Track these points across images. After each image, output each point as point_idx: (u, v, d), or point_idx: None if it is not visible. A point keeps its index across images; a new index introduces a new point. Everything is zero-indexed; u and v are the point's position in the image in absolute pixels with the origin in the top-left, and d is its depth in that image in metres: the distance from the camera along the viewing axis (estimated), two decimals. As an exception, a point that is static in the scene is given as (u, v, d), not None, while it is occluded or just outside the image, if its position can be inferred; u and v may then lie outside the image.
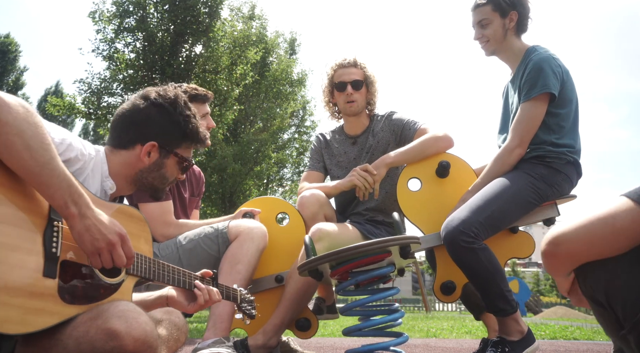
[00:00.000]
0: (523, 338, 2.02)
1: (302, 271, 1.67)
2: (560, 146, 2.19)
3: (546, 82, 2.14)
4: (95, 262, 1.22)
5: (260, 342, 2.18)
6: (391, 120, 2.61)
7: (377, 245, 1.57)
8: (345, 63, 2.63)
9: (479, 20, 2.34)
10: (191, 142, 1.59)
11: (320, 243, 2.18)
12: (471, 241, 1.99)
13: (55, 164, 1.14)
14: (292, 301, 2.23)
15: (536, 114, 2.17)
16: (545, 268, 1.14)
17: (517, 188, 2.11)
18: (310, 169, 2.72)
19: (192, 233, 2.23)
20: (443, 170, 2.35)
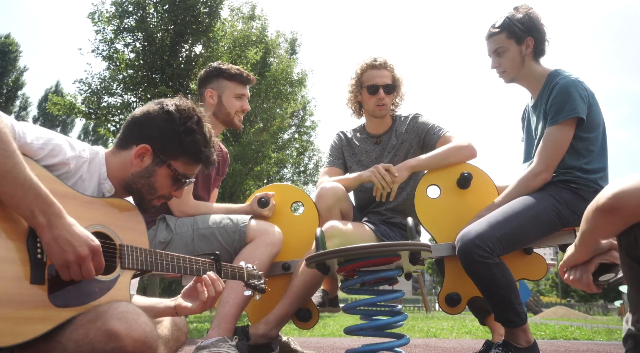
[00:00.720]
0: (529, 347, 2.00)
1: (310, 264, 1.67)
2: (590, 172, 2.14)
3: (574, 107, 2.09)
4: (63, 274, 1.17)
5: (262, 331, 2.19)
6: (416, 123, 2.60)
7: (387, 247, 1.57)
8: (376, 64, 2.59)
9: (495, 49, 2.29)
10: (189, 158, 1.50)
11: (332, 240, 2.18)
12: (486, 256, 1.95)
13: (18, 172, 1.10)
14: (298, 294, 2.23)
15: (563, 139, 2.12)
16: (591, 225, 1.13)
17: (539, 210, 2.07)
18: (331, 165, 2.70)
19: (211, 220, 2.25)
20: (464, 181, 2.31)
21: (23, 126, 1.24)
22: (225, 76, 2.49)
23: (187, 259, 1.53)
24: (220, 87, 2.49)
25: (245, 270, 1.74)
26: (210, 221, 2.25)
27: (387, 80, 2.56)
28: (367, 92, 2.57)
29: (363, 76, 2.60)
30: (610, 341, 4.63)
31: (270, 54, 17.69)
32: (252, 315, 2.38)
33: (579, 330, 6.27)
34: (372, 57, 2.63)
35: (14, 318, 1.07)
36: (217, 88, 2.50)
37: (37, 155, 1.25)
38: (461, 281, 2.16)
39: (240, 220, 2.24)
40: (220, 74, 2.50)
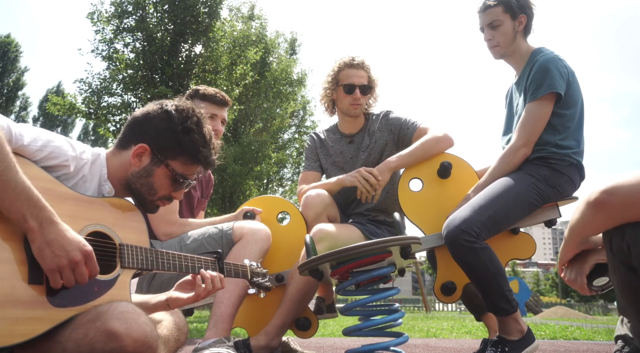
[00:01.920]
0: (523, 337, 2.02)
1: (303, 271, 1.67)
2: (564, 148, 2.18)
3: (552, 82, 2.14)
4: (54, 280, 1.16)
5: (263, 343, 2.18)
6: (388, 119, 2.60)
7: (377, 245, 1.57)
8: (354, 63, 2.57)
9: (490, 21, 2.31)
10: (188, 158, 1.49)
11: (322, 243, 2.18)
12: (472, 241, 1.99)
13: (10, 175, 1.09)
14: (294, 302, 2.23)
15: (542, 114, 2.17)
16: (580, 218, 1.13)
17: (519, 189, 2.11)
18: (307, 170, 2.70)
19: (196, 233, 2.24)
20: (445, 171, 2.34)
21: (21, 127, 1.24)
22: (199, 97, 2.54)
23: (188, 257, 1.52)
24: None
25: (249, 268, 1.73)
26: (196, 235, 2.23)
27: (363, 80, 2.56)
28: (343, 90, 2.56)
29: (340, 74, 2.58)
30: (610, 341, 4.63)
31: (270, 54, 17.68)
32: (250, 329, 2.37)
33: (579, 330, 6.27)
34: (350, 56, 2.61)
35: (12, 318, 1.07)
36: None
37: (35, 157, 1.25)
38: (454, 269, 2.17)
39: (225, 226, 2.23)
40: (195, 94, 2.55)
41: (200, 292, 1.49)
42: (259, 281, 1.74)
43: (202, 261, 1.56)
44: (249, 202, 2.53)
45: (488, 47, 2.37)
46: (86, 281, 1.20)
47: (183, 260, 1.51)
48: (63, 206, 1.25)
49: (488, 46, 2.37)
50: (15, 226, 1.13)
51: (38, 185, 1.16)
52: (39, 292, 1.15)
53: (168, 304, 1.56)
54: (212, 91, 2.56)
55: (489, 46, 2.37)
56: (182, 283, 1.58)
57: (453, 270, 2.19)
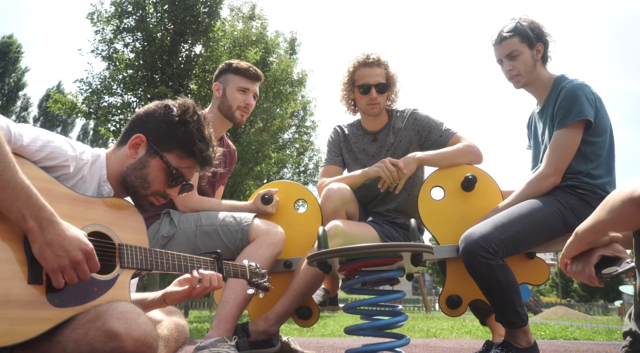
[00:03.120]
0: (530, 348, 2.00)
1: (312, 262, 1.67)
2: (596, 178, 2.13)
3: (581, 109, 2.09)
4: (56, 280, 1.16)
5: (261, 328, 2.19)
6: (416, 119, 2.56)
7: (389, 248, 1.57)
8: (369, 62, 2.51)
9: (508, 52, 2.27)
10: (183, 150, 1.47)
11: (335, 239, 2.17)
12: (489, 257, 1.94)
13: (10, 175, 1.09)
14: (299, 292, 2.23)
15: (572, 142, 2.11)
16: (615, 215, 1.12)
17: (544, 214, 2.06)
18: (329, 164, 2.65)
19: (215, 217, 2.25)
20: (469, 183, 2.30)
21: (21, 128, 1.24)
22: (232, 70, 2.51)
23: (187, 257, 1.52)
24: (226, 80, 2.51)
25: (248, 269, 1.73)
26: (214, 219, 2.24)
27: (379, 78, 2.50)
28: (359, 91, 2.52)
29: (355, 74, 2.54)
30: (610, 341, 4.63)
31: (270, 54, 17.68)
32: (253, 313, 2.38)
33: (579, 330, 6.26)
34: (364, 54, 2.55)
35: (12, 318, 1.07)
36: (223, 81, 2.52)
37: (35, 157, 1.25)
38: (463, 283, 2.16)
39: (244, 219, 2.24)
40: (229, 68, 2.52)
41: (195, 286, 1.49)
42: (258, 281, 1.75)
43: (201, 261, 1.56)
44: (269, 184, 2.53)
45: (508, 78, 2.34)
46: (88, 279, 1.21)
47: (182, 260, 1.51)
48: (62, 207, 1.25)
49: (508, 77, 2.33)
50: (15, 226, 1.13)
51: (37, 185, 1.16)
52: (39, 292, 1.15)
53: (164, 299, 1.56)
54: (245, 64, 2.53)
55: (509, 76, 2.33)
56: (181, 280, 1.58)
57: (462, 284, 2.18)
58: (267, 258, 2.15)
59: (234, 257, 2.20)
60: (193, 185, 1.61)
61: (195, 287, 1.49)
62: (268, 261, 2.16)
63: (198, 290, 1.50)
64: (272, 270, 2.29)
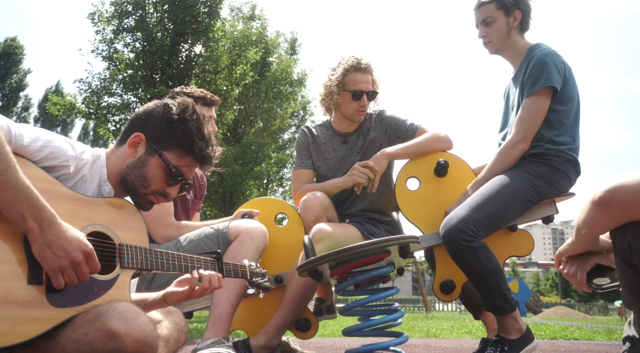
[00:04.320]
0: (522, 336, 2.02)
1: (302, 272, 1.67)
2: (559, 144, 2.18)
3: (549, 77, 2.14)
4: (57, 281, 1.16)
5: (263, 342, 2.18)
6: (382, 119, 2.57)
7: (376, 244, 1.56)
8: (362, 67, 2.48)
9: (483, 18, 2.33)
10: (182, 149, 1.47)
11: (322, 243, 2.17)
12: (470, 240, 1.98)
13: (10, 175, 1.09)
14: (294, 302, 2.23)
15: (540, 109, 2.16)
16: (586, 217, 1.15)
17: (515, 187, 2.11)
18: (300, 168, 2.62)
19: (193, 234, 2.24)
20: (441, 169, 2.34)
21: (21, 128, 1.24)
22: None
23: (187, 258, 1.52)
24: None
25: (248, 268, 1.73)
26: (193, 235, 2.23)
27: (370, 86, 2.50)
28: (351, 96, 2.47)
29: (346, 78, 2.48)
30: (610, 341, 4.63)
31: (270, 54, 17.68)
32: (249, 330, 2.38)
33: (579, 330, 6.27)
34: (356, 58, 2.51)
35: (12, 319, 1.08)
36: None
37: (35, 157, 1.25)
38: (453, 267, 2.16)
39: (221, 225, 2.23)
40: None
41: (195, 286, 1.49)
42: (258, 281, 1.74)
43: (201, 261, 1.56)
44: (246, 204, 2.53)
45: (482, 43, 2.39)
46: (88, 279, 1.21)
47: (182, 260, 1.51)
48: (62, 207, 1.25)
49: (482, 42, 2.39)
50: (15, 226, 1.13)
51: (38, 185, 1.16)
52: (39, 292, 1.15)
53: (165, 300, 1.56)
54: (200, 91, 2.54)
55: (483, 42, 2.38)
56: (181, 280, 1.58)
57: (452, 268, 2.19)
58: (253, 252, 2.11)
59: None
60: (192, 184, 1.60)
61: (195, 288, 1.49)
62: (255, 254, 2.12)
63: (198, 291, 1.50)
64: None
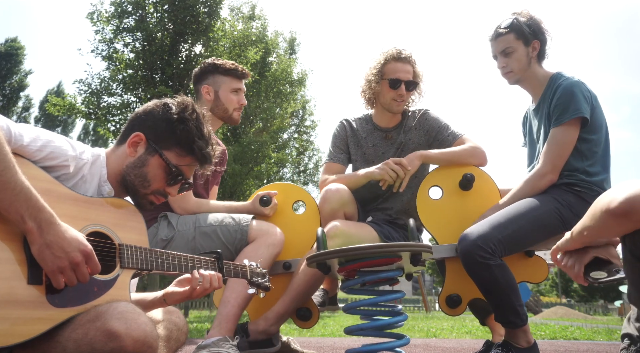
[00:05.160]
0: (530, 347, 2.00)
1: (311, 263, 1.66)
2: (592, 175, 2.13)
3: (578, 107, 2.09)
4: (56, 281, 1.15)
5: (261, 328, 2.19)
6: (427, 120, 2.54)
7: (388, 248, 1.56)
8: (402, 57, 2.47)
9: (503, 49, 2.29)
10: (182, 149, 1.46)
11: (335, 240, 2.16)
12: (487, 257, 1.94)
13: (9, 175, 1.09)
14: (299, 292, 2.23)
15: (569, 139, 2.12)
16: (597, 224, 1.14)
17: (542, 212, 2.06)
18: (332, 161, 2.59)
19: (213, 218, 2.24)
20: (467, 182, 2.30)
21: (21, 128, 1.23)
22: (221, 71, 2.48)
23: (187, 257, 1.52)
24: (216, 82, 2.48)
25: (248, 268, 1.73)
26: (213, 219, 2.24)
27: (410, 76, 2.47)
28: (389, 85, 2.45)
29: (385, 67, 2.47)
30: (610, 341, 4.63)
31: (270, 54, 17.68)
32: (252, 314, 2.39)
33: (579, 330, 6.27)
34: (397, 48, 2.51)
35: (12, 318, 1.07)
36: (212, 84, 2.48)
37: (35, 157, 1.24)
38: (462, 282, 2.16)
39: (243, 219, 2.24)
40: (216, 69, 2.48)
41: (196, 287, 1.49)
42: (259, 281, 1.74)
43: (201, 261, 1.56)
44: (267, 186, 2.52)
45: (501, 74, 2.35)
46: (87, 280, 1.20)
47: (183, 260, 1.50)
48: (63, 207, 1.25)
49: (501, 73, 2.34)
50: (14, 227, 1.13)
51: (38, 185, 1.16)
52: (39, 292, 1.14)
53: (164, 299, 1.56)
54: (231, 64, 2.50)
55: (502, 73, 2.34)
56: (181, 280, 1.58)
57: (461, 282, 2.18)
58: (267, 259, 2.15)
59: (233, 257, 2.20)
60: (192, 184, 1.60)
61: (196, 288, 1.49)
62: (268, 261, 2.16)
63: (199, 291, 1.50)
64: (271, 271, 2.29)
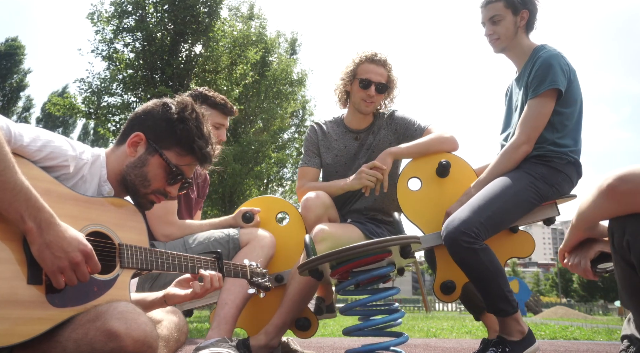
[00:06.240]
0: (523, 338, 2.02)
1: (303, 271, 1.67)
2: (561, 146, 2.18)
3: (554, 79, 2.14)
4: (56, 281, 1.16)
5: (263, 342, 2.18)
6: (393, 119, 2.57)
7: (377, 244, 1.56)
8: (376, 59, 2.50)
9: (491, 16, 2.33)
10: (182, 148, 1.46)
11: (323, 243, 2.17)
12: (472, 242, 1.98)
13: (9, 175, 1.08)
14: (294, 302, 2.23)
15: (544, 111, 2.16)
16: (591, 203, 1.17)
17: (517, 188, 2.11)
18: (307, 165, 2.61)
19: (202, 236, 2.24)
20: (443, 170, 2.34)
21: (21, 128, 1.23)
22: (209, 103, 2.48)
23: (187, 257, 1.52)
24: None
25: (248, 268, 1.73)
26: (201, 238, 2.24)
27: (382, 78, 2.49)
28: (359, 85, 2.49)
29: (359, 67, 2.50)
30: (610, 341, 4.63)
31: (270, 53, 17.67)
32: (249, 329, 2.38)
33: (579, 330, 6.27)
34: (373, 51, 2.54)
35: (12, 318, 1.07)
36: None
37: (35, 157, 1.24)
38: (453, 268, 2.16)
39: (232, 232, 2.26)
40: (204, 100, 2.48)
41: (198, 290, 1.49)
42: (259, 281, 1.74)
43: (201, 261, 1.56)
44: (247, 202, 2.52)
45: (488, 41, 2.39)
46: (87, 280, 1.21)
47: (183, 260, 1.50)
48: (63, 207, 1.25)
49: (488, 40, 2.38)
50: (14, 226, 1.13)
51: (38, 186, 1.16)
52: (39, 292, 1.14)
53: (165, 301, 1.56)
54: (221, 98, 2.51)
55: (489, 40, 2.38)
56: (181, 281, 1.58)
57: (452, 268, 2.19)
58: (262, 260, 2.17)
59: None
60: (192, 183, 1.60)
61: (197, 291, 1.50)
62: (263, 262, 2.18)
63: (200, 293, 1.51)
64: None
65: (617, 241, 1.12)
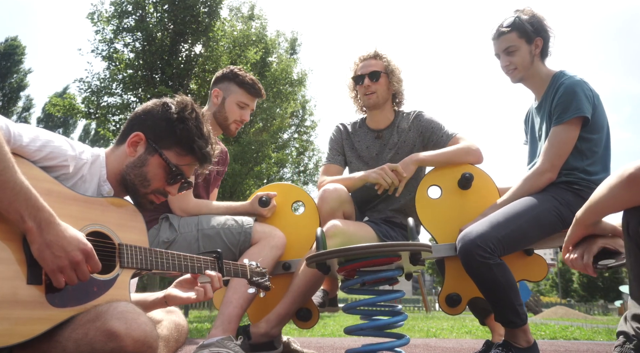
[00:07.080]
0: (529, 347, 2.00)
1: (310, 263, 1.67)
2: (591, 174, 2.13)
3: (579, 106, 2.10)
4: (56, 280, 1.16)
5: (263, 330, 2.19)
6: (421, 121, 2.56)
7: (388, 248, 1.56)
8: (365, 56, 2.59)
9: (505, 47, 2.28)
10: (182, 148, 1.47)
11: (334, 239, 2.17)
12: (487, 257, 1.94)
13: (9, 175, 1.08)
14: (300, 293, 2.24)
15: (569, 138, 2.12)
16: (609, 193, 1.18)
17: (540, 211, 2.06)
18: (330, 162, 2.65)
19: (215, 220, 2.25)
20: (466, 182, 2.30)
21: (20, 127, 1.23)
22: (237, 82, 2.48)
23: (187, 257, 1.52)
24: (228, 90, 2.48)
25: (248, 268, 1.73)
26: (215, 222, 2.25)
27: (373, 68, 2.54)
28: (355, 83, 2.59)
29: (353, 70, 2.62)
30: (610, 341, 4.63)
31: (270, 53, 17.67)
32: (252, 315, 2.38)
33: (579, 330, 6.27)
34: (364, 51, 2.63)
35: (11, 319, 1.07)
36: (224, 90, 2.49)
37: (34, 157, 1.24)
38: (462, 281, 2.16)
39: (245, 222, 2.25)
40: (233, 78, 2.48)
41: (201, 296, 1.50)
42: (259, 280, 1.74)
43: (202, 261, 1.56)
44: (265, 187, 2.52)
45: (505, 72, 2.34)
46: (88, 279, 1.21)
47: (183, 260, 1.50)
48: (63, 207, 1.24)
49: (505, 71, 2.34)
50: (14, 226, 1.13)
51: (39, 186, 1.16)
52: (39, 292, 1.14)
53: (166, 301, 1.56)
54: (251, 78, 2.51)
55: (506, 71, 2.33)
56: (181, 281, 1.58)
57: (460, 282, 2.18)
58: (270, 260, 2.17)
59: (236, 259, 2.21)
60: (192, 183, 1.60)
61: (199, 296, 1.50)
62: (271, 263, 2.18)
63: (201, 297, 1.51)
64: (271, 272, 2.30)
65: (632, 228, 1.12)
